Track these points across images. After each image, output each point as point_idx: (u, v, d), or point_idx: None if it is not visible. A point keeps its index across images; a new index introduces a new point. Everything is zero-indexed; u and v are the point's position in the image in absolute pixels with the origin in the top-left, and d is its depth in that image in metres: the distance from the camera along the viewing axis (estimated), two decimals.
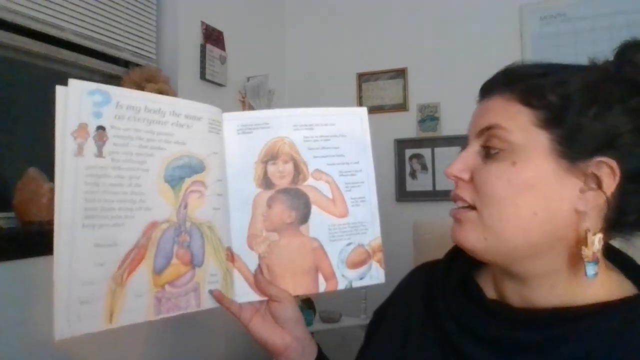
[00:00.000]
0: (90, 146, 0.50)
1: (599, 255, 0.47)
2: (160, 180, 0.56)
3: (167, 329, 1.52)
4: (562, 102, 0.48)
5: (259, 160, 0.64)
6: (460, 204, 0.53)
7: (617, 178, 0.46)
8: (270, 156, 0.64)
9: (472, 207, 0.51)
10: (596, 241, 0.46)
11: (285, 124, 0.65)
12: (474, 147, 0.53)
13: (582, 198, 0.47)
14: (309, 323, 1.92)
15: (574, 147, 0.47)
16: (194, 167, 0.59)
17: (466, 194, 0.52)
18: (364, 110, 0.69)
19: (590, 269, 0.46)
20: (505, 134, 0.49)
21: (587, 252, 0.46)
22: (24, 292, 1.06)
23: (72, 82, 0.50)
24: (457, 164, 0.53)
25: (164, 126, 0.56)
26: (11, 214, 1.21)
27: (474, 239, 0.51)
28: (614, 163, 0.46)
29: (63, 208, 0.48)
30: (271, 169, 0.64)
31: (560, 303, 0.49)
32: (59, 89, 0.49)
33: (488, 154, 0.50)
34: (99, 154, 0.51)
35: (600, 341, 0.45)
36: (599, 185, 0.47)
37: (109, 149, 0.52)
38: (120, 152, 0.52)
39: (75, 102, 0.50)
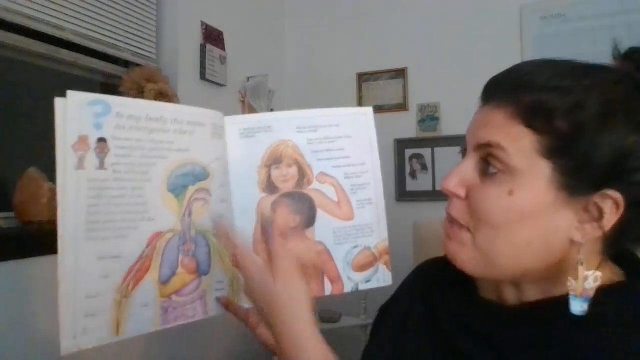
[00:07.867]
0: (92, 159, 0.50)
1: (592, 293, 0.43)
2: (164, 190, 0.55)
3: (167, 329, 1.52)
4: (572, 131, 0.43)
5: (262, 164, 0.63)
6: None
7: (620, 211, 0.44)
8: (274, 160, 0.63)
9: (466, 228, 0.50)
10: (591, 279, 0.43)
11: (289, 126, 0.64)
12: (473, 159, 0.50)
13: (579, 229, 0.45)
14: None
15: (578, 180, 0.44)
16: (198, 175, 0.58)
17: (460, 215, 0.50)
18: (369, 110, 0.68)
19: (577, 305, 0.43)
20: (504, 157, 0.46)
21: (574, 284, 0.43)
22: (24, 292, 1.06)
23: (71, 94, 0.49)
24: (454, 178, 0.50)
25: (165, 134, 0.55)
26: (11, 214, 1.20)
27: (464, 258, 0.50)
28: (619, 197, 0.43)
29: (66, 222, 0.48)
30: (275, 173, 0.63)
31: (555, 296, 0.48)
32: (58, 101, 0.48)
33: (486, 170, 0.48)
34: (101, 166, 0.50)
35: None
36: (601, 216, 0.44)
37: (110, 160, 0.51)
38: (122, 164, 0.52)
39: (75, 114, 0.49)
